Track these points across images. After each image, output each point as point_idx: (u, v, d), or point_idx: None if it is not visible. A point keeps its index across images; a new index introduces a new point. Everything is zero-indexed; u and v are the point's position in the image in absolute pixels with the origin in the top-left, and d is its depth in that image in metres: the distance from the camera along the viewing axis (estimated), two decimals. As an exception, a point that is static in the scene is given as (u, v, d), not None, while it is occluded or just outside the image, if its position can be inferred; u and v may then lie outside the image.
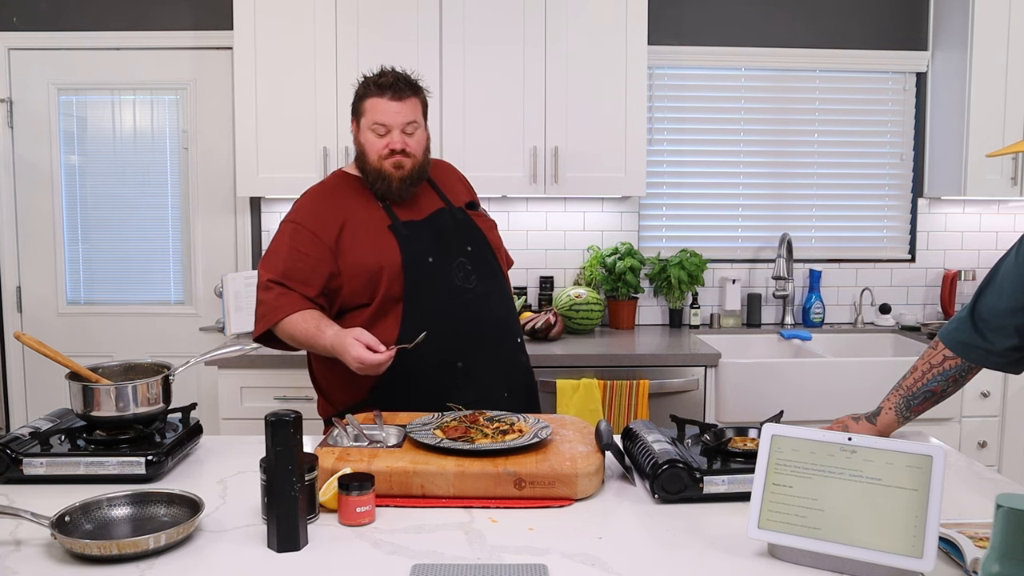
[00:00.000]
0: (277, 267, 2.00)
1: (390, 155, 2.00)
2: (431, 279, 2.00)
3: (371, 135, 2.02)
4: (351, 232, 2.00)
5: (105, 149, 3.54)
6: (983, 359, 1.63)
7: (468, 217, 2.14)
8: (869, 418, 1.76)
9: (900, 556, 1.22)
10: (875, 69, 3.64)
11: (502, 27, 3.15)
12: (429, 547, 1.35)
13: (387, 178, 2.01)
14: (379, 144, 2.01)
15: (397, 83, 2.02)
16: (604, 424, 1.68)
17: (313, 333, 1.91)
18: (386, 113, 2.00)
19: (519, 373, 2.17)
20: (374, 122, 2.01)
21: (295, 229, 2.03)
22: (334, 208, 2.03)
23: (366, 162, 2.04)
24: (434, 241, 2.03)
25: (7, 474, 1.61)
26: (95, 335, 3.57)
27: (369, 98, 2.02)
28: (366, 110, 2.03)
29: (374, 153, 2.01)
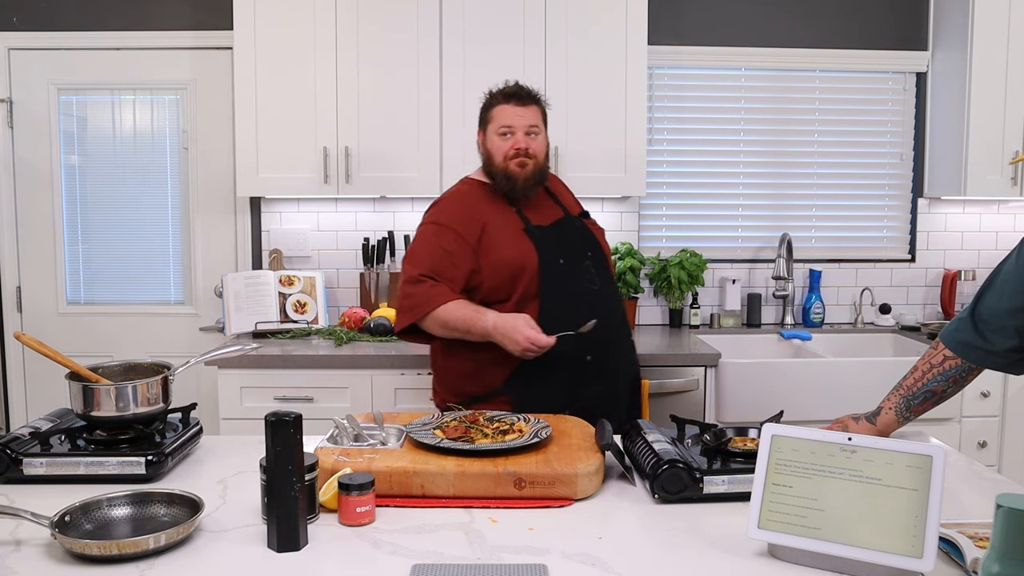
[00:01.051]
0: (425, 263, 2.16)
1: (515, 155, 2.19)
2: (563, 279, 2.17)
3: (497, 139, 2.22)
4: (492, 233, 2.17)
5: (105, 149, 3.54)
6: (983, 360, 1.63)
7: (585, 225, 2.34)
8: (869, 418, 1.76)
9: (900, 556, 1.22)
10: (875, 69, 3.64)
11: (502, 27, 3.15)
12: (429, 547, 1.35)
13: (512, 177, 2.19)
14: (505, 146, 2.20)
15: (520, 91, 2.23)
16: (604, 424, 1.68)
17: (473, 317, 2.08)
18: (511, 117, 2.20)
19: (633, 370, 2.38)
20: (501, 126, 2.20)
21: (439, 230, 2.19)
22: (474, 211, 2.21)
23: (493, 165, 2.23)
24: (562, 245, 2.22)
25: (7, 474, 1.61)
26: (95, 335, 3.57)
27: (496, 106, 2.23)
28: (493, 117, 2.23)
29: (500, 154, 2.21)
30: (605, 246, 2.38)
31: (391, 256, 3.51)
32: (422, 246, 2.20)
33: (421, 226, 2.26)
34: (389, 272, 3.49)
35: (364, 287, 3.50)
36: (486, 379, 2.17)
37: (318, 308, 3.36)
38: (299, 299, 3.34)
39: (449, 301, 2.10)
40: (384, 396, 2.93)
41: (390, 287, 3.48)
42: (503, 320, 2.05)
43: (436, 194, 3.19)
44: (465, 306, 2.10)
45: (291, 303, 3.32)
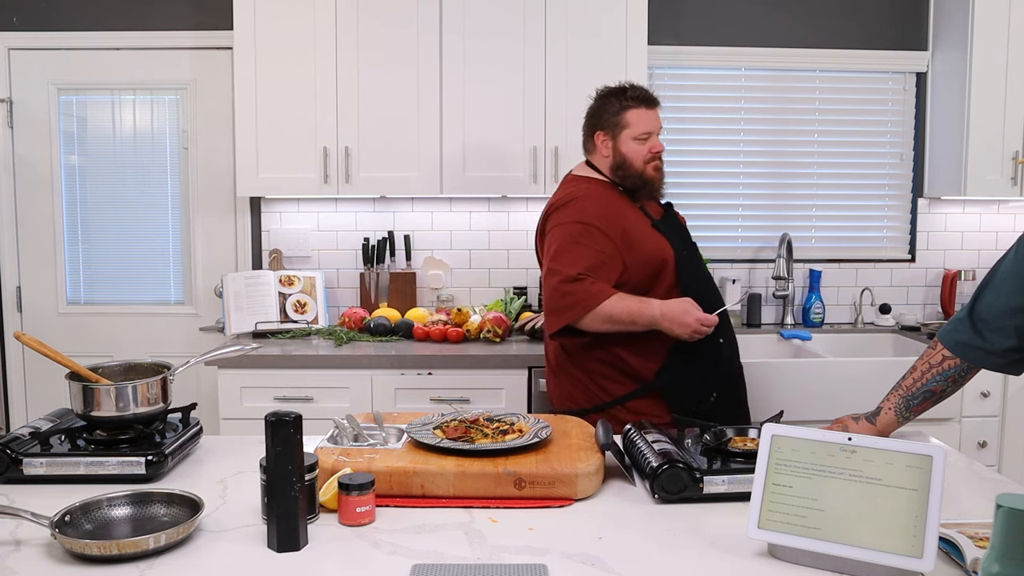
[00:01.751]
0: (580, 261, 2.14)
1: (652, 159, 2.24)
2: (690, 270, 2.24)
3: (634, 144, 2.24)
4: (632, 230, 2.19)
5: (105, 149, 3.54)
6: (982, 360, 1.63)
7: (677, 218, 2.38)
8: (869, 418, 1.76)
9: (900, 556, 1.22)
10: (875, 69, 3.64)
11: (502, 26, 3.15)
12: (429, 547, 1.35)
13: (651, 181, 2.25)
14: (643, 150, 2.23)
15: (650, 95, 2.26)
16: (604, 424, 1.68)
17: (638, 308, 2.10)
18: (648, 122, 2.24)
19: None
20: (641, 132, 2.23)
21: (585, 229, 2.17)
22: (612, 209, 2.22)
23: (629, 168, 2.25)
24: (678, 237, 2.29)
25: (7, 474, 1.61)
26: (95, 335, 3.57)
27: (630, 110, 2.24)
28: (630, 122, 2.23)
29: (639, 159, 2.24)
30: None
31: (391, 256, 3.52)
32: (573, 245, 2.16)
33: (562, 226, 2.21)
34: (389, 272, 3.49)
35: (364, 287, 3.50)
36: (634, 375, 2.19)
37: (318, 308, 3.36)
38: (299, 299, 3.34)
39: (611, 295, 2.10)
40: (384, 396, 2.93)
41: (390, 287, 3.49)
42: (669, 306, 2.10)
43: (436, 194, 3.22)
44: (626, 298, 2.11)
45: (291, 303, 3.32)
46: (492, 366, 2.93)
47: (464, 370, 2.93)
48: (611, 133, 2.26)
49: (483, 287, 3.59)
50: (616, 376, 2.21)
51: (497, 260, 3.58)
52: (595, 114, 2.31)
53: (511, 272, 3.58)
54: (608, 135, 2.27)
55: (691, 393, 2.16)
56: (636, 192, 2.28)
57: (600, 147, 2.30)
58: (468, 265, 3.57)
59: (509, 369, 2.93)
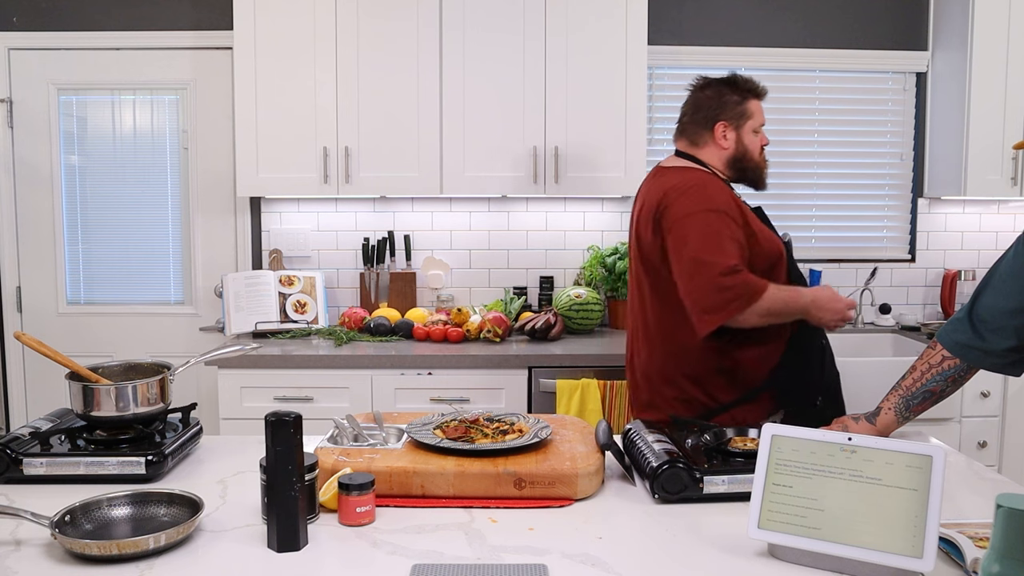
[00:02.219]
0: (733, 252, 1.98)
1: (762, 150, 2.25)
2: (793, 264, 2.20)
3: (753, 136, 2.21)
4: (752, 222, 2.11)
5: (105, 149, 3.54)
6: (981, 360, 1.62)
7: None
8: (869, 418, 1.76)
9: (900, 556, 1.22)
10: (875, 69, 3.64)
11: (502, 23, 3.15)
12: (429, 547, 1.35)
13: (763, 171, 2.25)
14: (758, 142, 2.23)
15: (759, 85, 2.25)
16: (604, 424, 1.68)
17: (791, 297, 2.01)
18: (762, 114, 2.24)
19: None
20: (759, 124, 2.22)
21: (721, 217, 2.01)
22: (736, 200, 2.11)
23: (749, 160, 2.21)
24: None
25: (7, 474, 1.61)
26: (95, 335, 3.57)
27: (751, 101, 2.21)
28: (752, 113, 2.20)
29: (756, 150, 2.22)
30: None
31: (391, 256, 3.52)
32: (717, 235, 1.99)
33: (695, 215, 2.02)
34: (389, 272, 3.49)
35: (364, 287, 3.50)
36: (748, 378, 2.08)
37: (318, 308, 3.36)
38: (299, 299, 3.34)
39: (768, 286, 1.96)
40: (384, 396, 2.93)
41: (390, 287, 3.49)
42: (817, 292, 2.05)
43: (436, 194, 3.22)
44: (780, 288, 2.00)
45: (291, 303, 3.32)
46: (492, 366, 2.93)
47: (464, 370, 2.93)
48: (734, 124, 2.17)
49: (483, 287, 3.59)
50: (725, 382, 2.08)
51: (497, 260, 3.58)
52: (715, 104, 2.19)
53: (511, 272, 3.58)
54: (732, 126, 2.17)
55: (799, 398, 2.06)
56: (759, 185, 2.27)
57: (719, 138, 2.17)
58: (468, 265, 3.58)
59: (509, 369, 2.93)
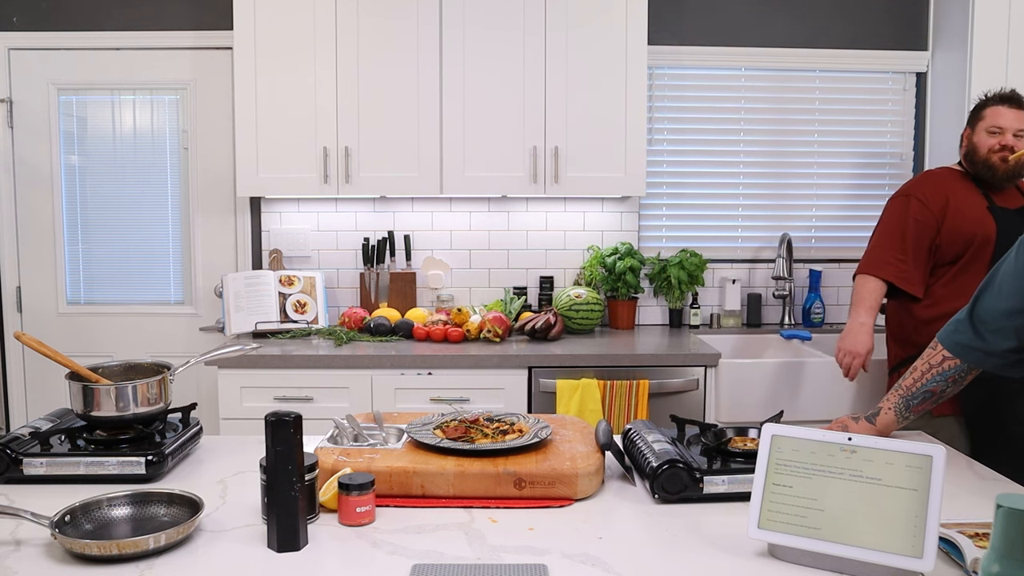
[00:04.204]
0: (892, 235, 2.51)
1: (1000, 150, 2.45)
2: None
3: (985, 135, 2.48)
4: (956, 205, 2.46)
5: (105, 149, 3.54)
6: (981, 361, 1.63)
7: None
8: (869, 418, 1.76)
9: (900, 556, 1.22)
10: (875, 69, 3.64)
11: (502, 23, 3.15)
12: (429, 547, 1.35)
13: (993, 167, 2.46)
14: (991, 141, 2.47)
15: (1015, 96, 2.49)
16: (604, 424, 1.68)
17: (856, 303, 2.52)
18: (1003, 118, 2.47)
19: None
20: (992, 125, 2.47)
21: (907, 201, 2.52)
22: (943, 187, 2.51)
23: (975, 155, 2.50)
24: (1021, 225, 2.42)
25: (7, 474, 1.61)
26: (95, 335, 3.57)
27: (990, 106, 2.50)
28: (986, 116, 2.50)
29: (985, 148, 2.48)
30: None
31: (391, 256, 3.52)
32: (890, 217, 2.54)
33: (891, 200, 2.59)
34: (389, 272, 3.49)
35: (364, 287, 3.50)
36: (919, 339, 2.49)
37: (318, 308, 3.36)
38: (299, 299, 3.34)
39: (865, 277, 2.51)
40: (384, 396, 2.93)
41: (390, 287, 3.49)
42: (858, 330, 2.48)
43: (436, 194, 3.24)
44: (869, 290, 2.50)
45: (291, 303, 3.32)
46: (492, 366, 2.93)
47: (464, 370, 2.93)
48: (971, 127, 2.53)
49: (483, 287, 3.59)
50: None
51: (497, 260, 3.58)
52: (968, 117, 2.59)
53: (511, 272, 3.58)
54: (969, 128, 2.54)
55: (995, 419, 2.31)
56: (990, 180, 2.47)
57: (964, 141, 2.57)
58: (468, 265, 3.58)
59: (509, 369, 2.93)
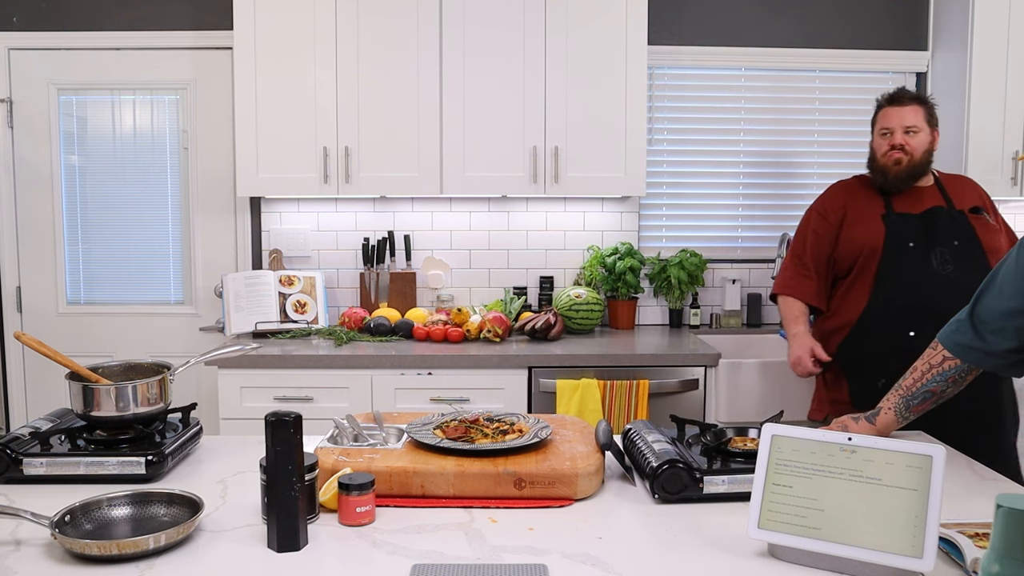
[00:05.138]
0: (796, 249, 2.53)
1: (890, 151, 2.37)
2: (903, 260, 2.31)
3: (878, 139, 2.42)
4: (852, 216, 2.42)
5: (105, 149, 3.54)
6: (982, 361, 1.63)
7: (965, 218, 2.37)
8: (869, 418, 1.76)
9: (900, 556, 1.22)
10: (875, 69, 3.64)
11: (502, 23, 3.15)
12: (429, 547, 1.35)
13: (885, 171, 2.39)
14: (883, 144, 2.40)
15: (900, 93, 2.42)
16: (604, 424, 1.68)
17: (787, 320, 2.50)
18: (890, 118, 2.40)
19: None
20: (882, 127, 2.41)
21: (810, 215, 2.53)
22: (842, 197, 2.48)
23: (873, 163, 2.44)
24: (919, 231, 2.33)
25: (7, 474, 1.61)
26: (95, 335, 3.57)
27: (880, 109, 2.44)
28: (877, 119, 2.45)
29: (879, 152, 2.41)
30: (990, 242, 2.35)
31: (391, 256, 3.52)
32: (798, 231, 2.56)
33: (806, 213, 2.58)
34: (389, 272, 3.49)
35: (364, 287, 3.50)
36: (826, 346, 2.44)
37: (318, 308, 3.36)
38: (299, 299, 3.34)
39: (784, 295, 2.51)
40: (384, 396, 2.93)
41: (390, 287, 3.49)
42: (801, 338, 2.42)
43: (436, 194, 3.23)
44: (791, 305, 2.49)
45: (291, 303, 3.32)
46: (492, 366, 2.93)
47: (464, 370, 2.93)
48: (872, 131, 2.49)
49: (483, 287, 3.59)
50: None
51: (497, 260, 3.58)
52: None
53: (511, 272, 3.58)
54: (872, 133, 2.49)
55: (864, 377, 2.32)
56: (884, 185, 2.40)
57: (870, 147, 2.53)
58: (468, 265, 3.58)
59: (509, 369, 2.93)
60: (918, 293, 2.24)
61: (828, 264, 2.45)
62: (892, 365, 2.18)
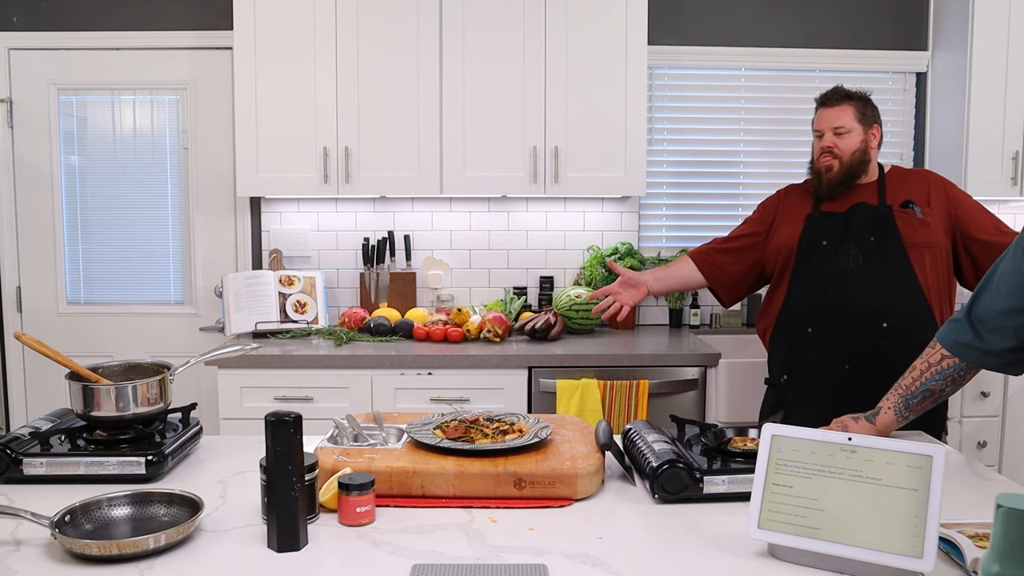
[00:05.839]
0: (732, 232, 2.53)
1: (821, 155, 2.32)
2: (814, 258, 2.29)
3: (815, 141, 2.37)
4: (783, 219, 2.41)
5: (105, 149, 3.54)
6: (980, 360, 1.62)
7: (890, 213, 2.28)
8: (869, 418, 1.76)
9: (900, 556, 1.22)
10: (875, 69, 3.64)
11: (502, 23, 3.15)
12: (429, 547, 1.35)
13: (819, 175, 2.34)
14: (816, 146, 2.35)
15: (828, 94, 2.35)
16: (604, 424, 1.68)
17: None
18: (820, 120, 2.35)
19: (871, 351, 2.25)
20: (814, 130, 2.37)
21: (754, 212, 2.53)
22: (776, 201, 2.48)
23: (812, 165, 2.39)
24: (837, 229, 2.29)
25: (7, 474, 1.61)
26: (95, 335, 3.57)
27: (816, 112, 2.38)
28: (814, 123, 2.38)
29: (814, 154, 2.37)
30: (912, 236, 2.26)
31: (391, 256, 3.52)
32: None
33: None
34: (389, 272, 3.49)
35: (364, 287, 3.50)
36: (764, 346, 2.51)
37: (318, 308, 3.36)
38: (299, 299, 3.34)
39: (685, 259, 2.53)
40: (384, 396, 2.93)
41: (390, 287, 3.49)
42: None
43: (436, 194, 3.23)
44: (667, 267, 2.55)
45: (291, 303, 3.32)
46: (492, 366, 2.93)
47: (464, 370, 2.93)
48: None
49: (483, 287, 3.59)
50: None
51: (497, 260, 3.58)
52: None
53: (511, 272, 3.58)
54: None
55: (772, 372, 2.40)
56: (819, 190, 2.35)
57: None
58: (468, 265, 3.58)
59: (509, 369, 2.93)
60: (821, 290, 2.25)
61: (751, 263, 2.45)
62: (797, 360, 2.29)
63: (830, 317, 2.23)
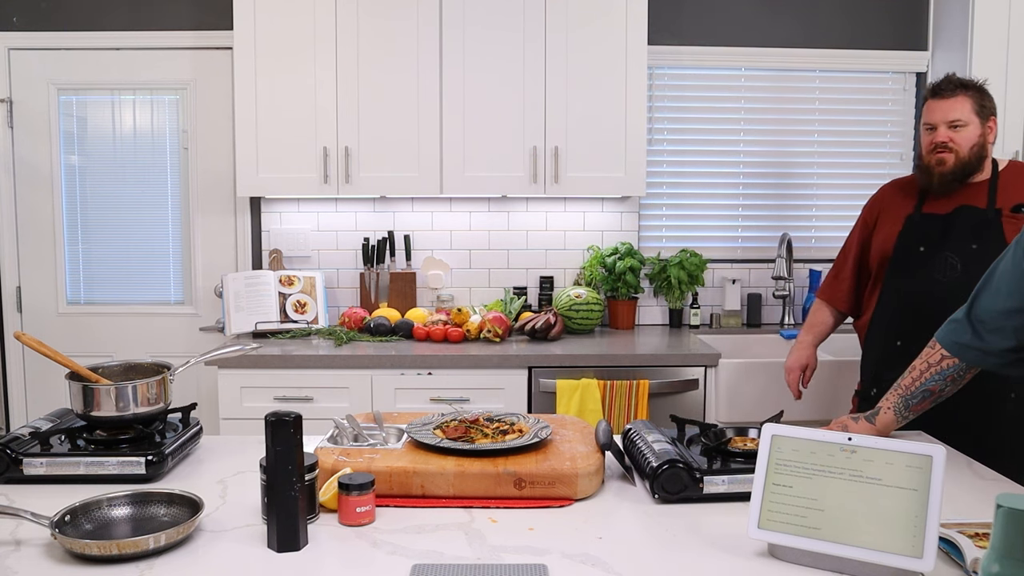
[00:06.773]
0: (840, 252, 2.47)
1: (933, 150, 2.13)
2: (910, 265, 2.16)
3: (924, 134, 2.19)
4: (885, 219, 2.26)
5: (105, 149, 3.54)
6: (980, 360, 1.62)
7: (997, 218, 2.11)
8: (869, 418, 1.76)
9: (900, 556, 1.22)
10: (875, 69, 3.64)
11: (502, 23, 3.15)
12: (429, 547, 1.35)
13: (929, 171, 2.15)
14: (927, 140, 2.16)
15: (943, 84, 2.19)
16: (604, 424, 1.68)
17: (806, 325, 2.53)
18: (933, 112, 2.16)
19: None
20: (925, 122, 2.18)
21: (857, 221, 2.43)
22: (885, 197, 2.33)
23: (920, 161, 2.21)
24: (939, 233, 2.13)
25: (7, 474, 1.61)
26: (95, 335, 3.57)
27: (926, 102, 2.20)
28: (923, 113, 2.21)
29: (924, 149, 2.18)
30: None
31: (391, 256, 3.52)
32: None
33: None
34: (389, 272, 3.49)
35: (364, 287, 3.50)
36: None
37: (318, 308, 3.36)
38: (299, 299, 3.34)
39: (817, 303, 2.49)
40: (384, 396, 2.93)
41: (390, 287, 3.49)
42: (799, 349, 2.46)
43: (436, 194, 3.23)
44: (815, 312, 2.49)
45: (291, 303, 3.32)
46: (492, 366, 2.93)
47: (464, 370, 2.93)
48: (917, 128, 2.34)
49: (483, 287, 3.59)
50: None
51: (497, 260, 3.58)
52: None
53: (511, 272, 3.58)
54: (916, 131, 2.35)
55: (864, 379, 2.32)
56: (928, 187, 2.18)
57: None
58: (468, 265, 3.58)
59: (509, 369, 2.93)
60: (914, 301, 2.12)
61: (857, 266, 2.36)
62: (884, 374, 2.12)
63: (921, 331, 1.90)
